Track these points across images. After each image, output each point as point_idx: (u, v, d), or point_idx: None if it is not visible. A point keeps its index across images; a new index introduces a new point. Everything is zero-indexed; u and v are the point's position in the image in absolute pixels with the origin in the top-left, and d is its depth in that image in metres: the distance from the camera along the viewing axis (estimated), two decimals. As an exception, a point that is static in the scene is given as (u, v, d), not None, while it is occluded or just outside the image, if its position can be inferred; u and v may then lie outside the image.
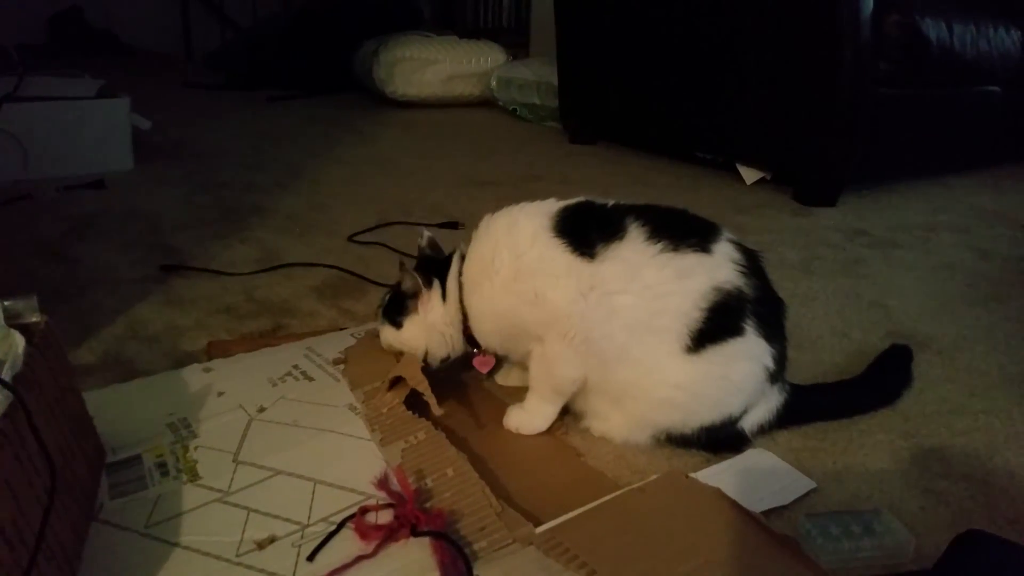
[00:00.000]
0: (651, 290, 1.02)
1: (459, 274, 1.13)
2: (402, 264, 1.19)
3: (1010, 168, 2.99)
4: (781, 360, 1.09)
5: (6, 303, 0.87)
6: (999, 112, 2.78)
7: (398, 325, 1.16)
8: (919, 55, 2.38)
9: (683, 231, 1.05)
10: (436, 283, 1.14)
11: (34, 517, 0.71)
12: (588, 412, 1.12)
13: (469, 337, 1.15)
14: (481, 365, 1.18)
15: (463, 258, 1.14)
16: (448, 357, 1.17)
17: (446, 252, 1.20)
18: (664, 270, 1.02)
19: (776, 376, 1.09)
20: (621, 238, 1.04)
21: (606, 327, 1.02)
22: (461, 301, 1.13)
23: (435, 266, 1.17)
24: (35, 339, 0.84)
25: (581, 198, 1.12)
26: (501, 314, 1.08)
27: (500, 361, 1.21)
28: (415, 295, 1.14)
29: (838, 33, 2.22)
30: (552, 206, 1.10)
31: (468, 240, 1.15)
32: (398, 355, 1.17)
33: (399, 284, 1.16)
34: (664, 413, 1.06)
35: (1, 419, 0.70)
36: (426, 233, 1.22)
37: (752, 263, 1.07)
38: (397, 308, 1.16)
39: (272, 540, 0.84)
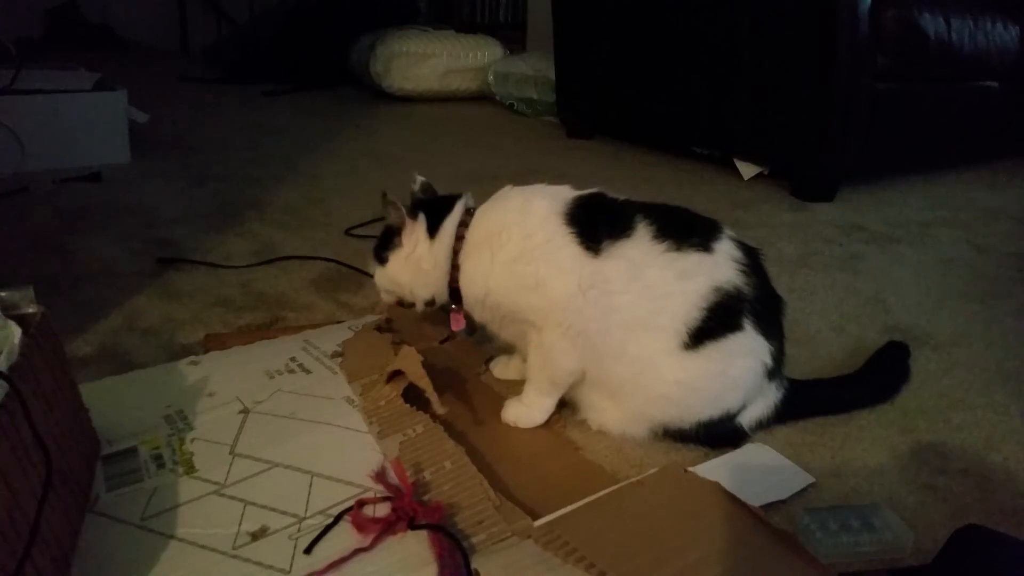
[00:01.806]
0: (652, 290, 1.02)
1: (459, 224, 1.11)
2: (384, 195, 1.14)
3: (1008, 163, 2.99)
4: (779, 357, 1.09)
5: (2, 293, 0.87)
6: (997, 107, 2.78)
7: (384, 260, 1.15)
8: (917, 50, 2.38)
9: (687, 230, 1.05)
10: (422, 216, 1.12)
11: (29, 508, 0.70)
12: (585, 405, 1.11)
13: (454, 291, 1.13)
14: (455, 322, 1.16)
15: (469, 211, 1.12)
16: (433, 301, 1.15)
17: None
18: (666, 271, 1.02)
19: (774, 373, 1.09)
20: (629, 236, 1.03)
21: (603, 323, 1.02)
22: (456, 252, 1.11)
23: (427, 205, 1.14)
24: (31, 330, 0.84)
25: (595, 190, 1.11)
26: (494, 289, 1.07)
27: (479, 331, 1.20)
28: (400, 228, 1.12)
29: (836, 27, 2.22)
30: (567, 193, 1.10)
31: (475, 197, 1.14)
32: (396, 348, 1.16)
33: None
34: (662, 408, 1.06)
35: (-4, 410, 0.70)
36: (419, 178, 1.20)
37: (752, 261, 1.07)
38: (384, 244, 1.15)
39: (265, 531, 0.83)
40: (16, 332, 0.81)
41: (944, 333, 1.48)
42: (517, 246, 1.05)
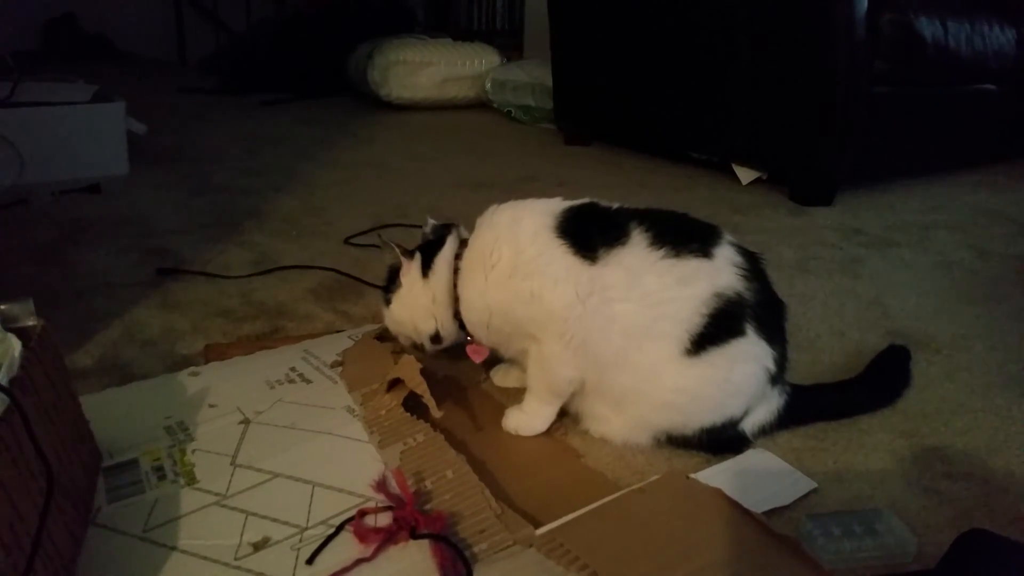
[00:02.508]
0: (651, 297, 1.01)
1: (454, 256, 1.12)
2: (379, 237, 1.21)
3: (1006, 166, 3.00)
4: (782, 362, 1.09)
5: (2, 307, 0.87)
6: (994, 110, 2.79)
7: (389, 302, 1.17)
8: (914, 53, 2.39)
9: (685, 236, 1.05)
10: (418, 256, 1.14)
11: (31, 521, 0.70)
12: (588, 415, 1.11)
13: (463, 323, 1.14)
14: (474, 354, 1.16)
15: (462, 242, 1.13)
16: (438, 335, 1.15)
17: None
18: (665, 277, 1.02)
19: (777, 378, 1.08)
20: (624, 243, 1.03)
21: (604, 332, 1.02)
22: (455, 285, 1.12)
23: (426, 243, 1.17)
24: (31, 343, 0.84)
25: (587, 200, 1.11)
26: (492, 308, 1.08)
27: (493, 355, 1.21)
28: (399, 269, 1.15)
29: (833, 32, 2.23)
30: (558, 205, 1.09)
31: (466, 225, 1.15)
32: (396, 356, 1.16)
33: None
34: (665, 416, 1.06)
35: (-3, 423, 0.70)
36: (431, 221, 1.21)
37: (753, 266, 1.06)
38: (388, 286, 1.18)
39: (267, 541, 0.83)
40: (16, 345, 0.80)
41: (945, 336, 1.48)
42: (510, 263, 1.05)
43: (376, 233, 1.17)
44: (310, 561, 0.80)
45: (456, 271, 1.11)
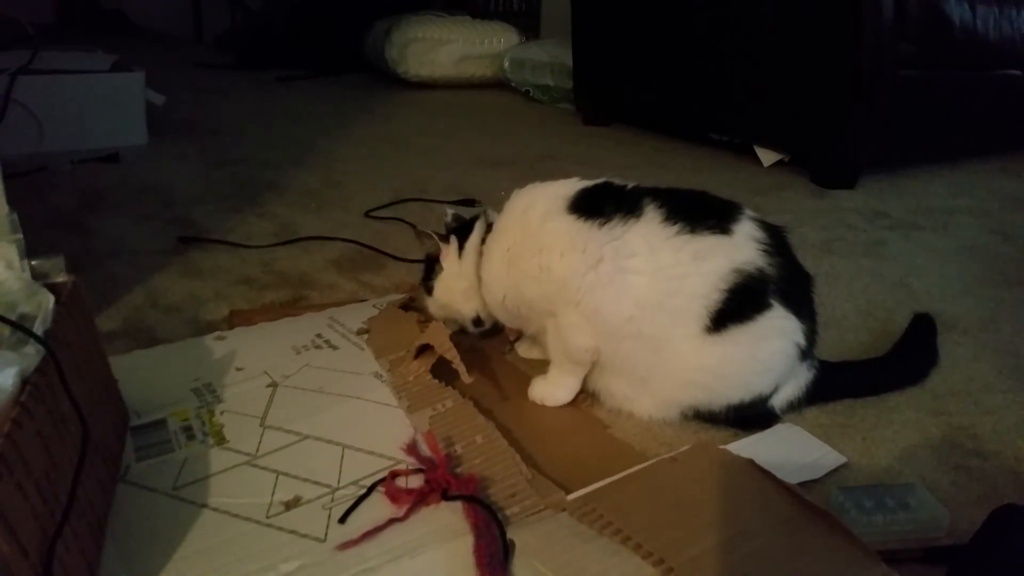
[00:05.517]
0: (664, 271, 1.00)
1: (480, 241, 1.14)
2: (415, 228, 1.23)
3: (1030, 153, 2.97)
4: (811, 336, 1.08)
5: (33, 262, 0.86)
6: (1020, 96, 2.75)
7: (431, 290, 1.19)
8: (941, 36, 2.36)
9: (701, 213, 1.04)
10: (454, 239, 1.17)
11: (65, 472, 0.70)
12: (613, 395, 1.09)
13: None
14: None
15: (488, 226, 1.14)
16: (479, 317, 1.18)
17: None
18: (680, 252, 1.01)
19: (807, 353, 1.07)
20: (637, 218, 1.02)
21: (616, 300, 1.01)
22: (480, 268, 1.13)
23: (457, 228, 1.19)
24: (62, 298, 0.83)
25: (602, 179, 1.11)
26: (508, 289, 1.09)
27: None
28: (438, 255, 1.18)
29: (859, 12, 2.20)
30: (572, 187, 1.09)
31: (488, 202, 1.17)
32: (423, 325, 1.16)
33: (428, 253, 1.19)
34: (689, 394, 1.05)
35: (34, 373, 0.69)
36: (449, 211, 1.23)
37: (776, 240, 1.05)
38: (428, 274, 1.20)
39: (298, 500, 0.83)
40: (49, 299, 0.80)
41: (972, 318, 1.46)
42: (521, 244, 1.06)
43: (413, 227, 1.19)
44: (343, 520, 0.80)
45: (480, 255, 1.13)
